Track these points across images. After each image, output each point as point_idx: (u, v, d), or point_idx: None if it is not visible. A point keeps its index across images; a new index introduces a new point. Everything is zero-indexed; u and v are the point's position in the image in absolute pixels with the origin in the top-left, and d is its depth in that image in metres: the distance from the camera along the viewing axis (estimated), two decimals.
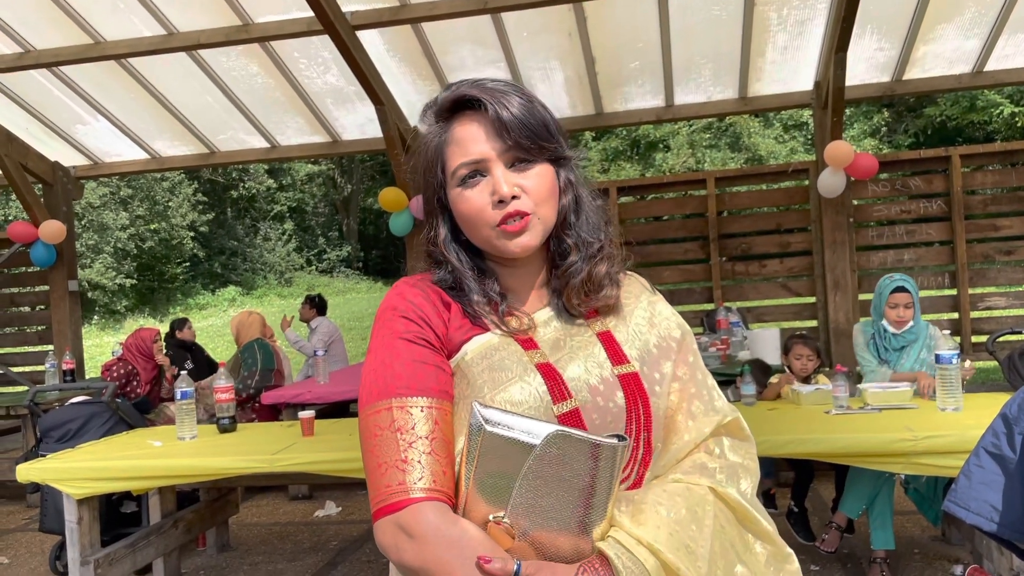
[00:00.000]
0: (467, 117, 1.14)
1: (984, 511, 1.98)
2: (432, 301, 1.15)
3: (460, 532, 0.98)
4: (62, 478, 3.44)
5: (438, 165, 1.16)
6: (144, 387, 5.61)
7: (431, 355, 1.10)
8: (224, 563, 4.45)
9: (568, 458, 0.95)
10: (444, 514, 1.00)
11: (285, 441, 3.60)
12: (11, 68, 6.15)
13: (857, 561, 3.86)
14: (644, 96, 6.73)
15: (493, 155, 1.11)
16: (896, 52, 6.11)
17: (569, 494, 0.97)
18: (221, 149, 7.50)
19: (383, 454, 1.03)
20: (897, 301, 3.94)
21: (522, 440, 0.96)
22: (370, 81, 5.90)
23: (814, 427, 3.26)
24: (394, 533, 1.00)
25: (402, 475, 1.01)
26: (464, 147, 1.12)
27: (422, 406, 1.05)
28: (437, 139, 1.16)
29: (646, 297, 1.26)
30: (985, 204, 6.73)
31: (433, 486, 1.01)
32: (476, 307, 1.15)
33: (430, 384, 1.07)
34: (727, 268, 6.96)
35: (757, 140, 19.67)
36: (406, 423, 1.03)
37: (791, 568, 1.16)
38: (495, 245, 1.13)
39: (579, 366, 1.12)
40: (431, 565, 0.97)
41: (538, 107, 1.15)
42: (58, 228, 7.14)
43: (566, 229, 1.18)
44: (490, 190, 1.10)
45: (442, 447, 1.04)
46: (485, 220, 1.11)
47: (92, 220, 20.29)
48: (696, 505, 1.07)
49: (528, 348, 1.12)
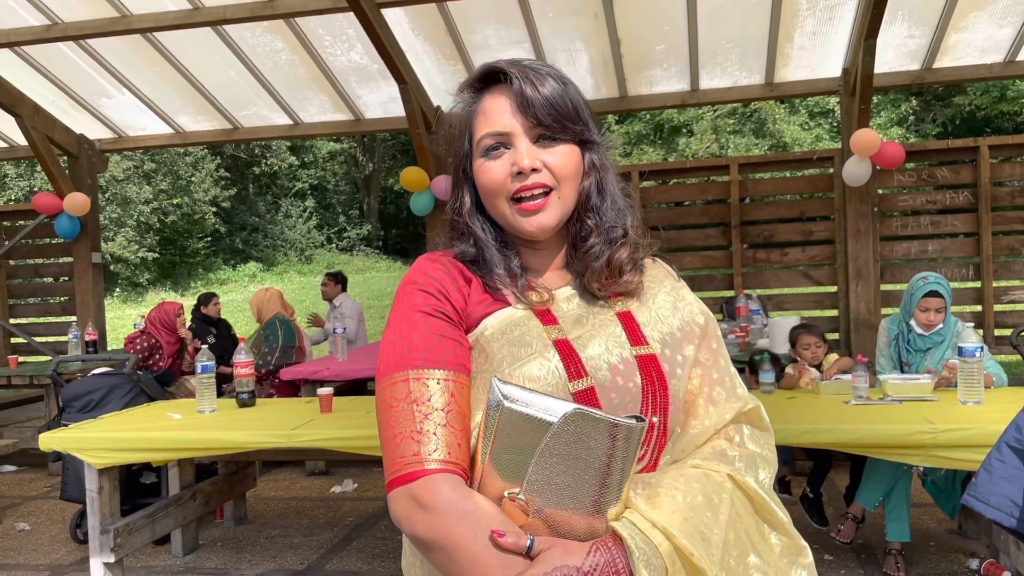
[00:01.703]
0: (497, 91, 1.15)
1: (1004, 506, 1.97)
2: (452, 275, 1.15)
3: (474, 506, 0.98)
4: (83, 447, 3.49)
5: (466, 135, 1.17)
6: (166, 360, 5.67)
7: (449, 328, 1.10)
8: (241, 535, 4.51)
9: (585, 437, 0.95)
10: (458, 487, 0.99)
11: (303, 417, 3.63)
12: (39, 40, 6.18)
13: (872, 552, 3.85)
14: (669, 80, 6.66)
15: (519, 129, 1.12)
16: (927, 40, 6.01)
17: (585, 473, 0.96)
18: (244, 125, 7.52)
19: (398, 425, 1.03)
20: (929, 305, 3.81)
21: (540, 417, 0.96)
22: (394, 59, 5.88)
23: (833, 417, 3.25)
24: (408, 504, 0.99)
25: (417, 446, 1.01)
26: (490, 118, 1.13)
27: (439, 378, 1.05)
28: (467, 109, 1.18)
29: (670, 283, 1.27)
30: (1013, 196, 6.63)
31: (448, 458, 1.01)
32: (497, 280, 1.15)
33: (447, 357, 1.07)
34: (748, 255, 6.91)
35: (782, 127, 19.47)
36: (422, 395, 1.03)
37: (805, 561, 1.15)
38: (511, 223, 1.14)
39: (600, 344, 1.12)
40: (443, 538, 0.96)
41: (572, 90, 1.15)
42: (82, 200, 7.20)
43: (588, 211, 1.18)
44: (511, 162, 1.11)
45: (458, 420, 1.04)
46: (503, 190, 1.12)
47: (116, 193, 20.45)
48: (713, 492, 1.06)
49: (547, 323, 1.12)
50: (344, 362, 5.62)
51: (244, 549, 4.28)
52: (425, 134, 6.51)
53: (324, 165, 26.47)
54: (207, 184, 22.37)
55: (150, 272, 21.46)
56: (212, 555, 4.22)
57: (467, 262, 1.18)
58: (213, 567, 4.05)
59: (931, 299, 3.80)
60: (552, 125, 1.12)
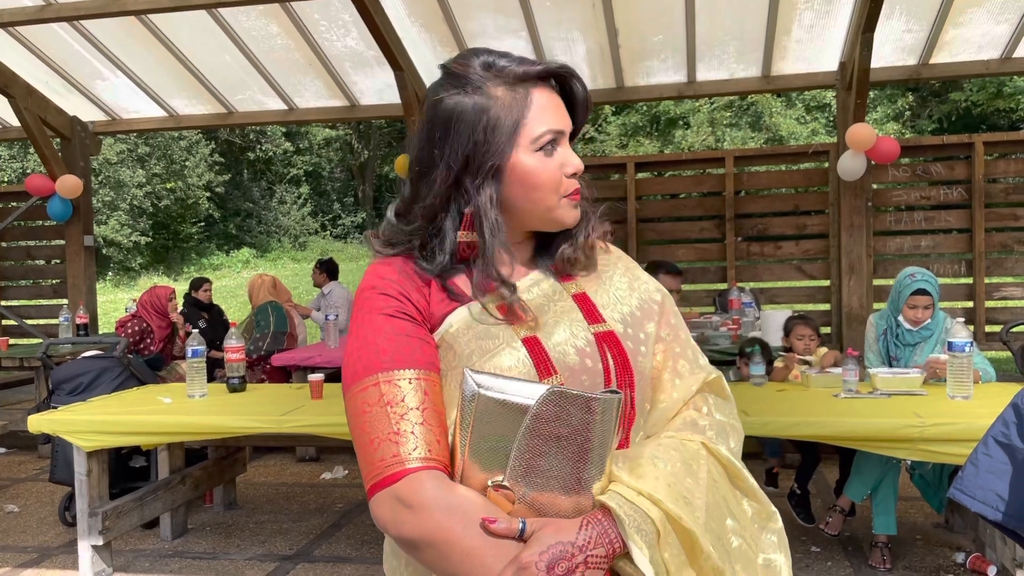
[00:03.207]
0: (545, 87, 1.16)
1: (990, 500, 1.98)
2: (410, 277, 1.14)
3: (460, 498, 0.98)
4: (73, 430, 3.48)
5: (508, 127, 1.11)
6: (157, 344, 5.65)
7: (414, 328, 1.10)
8: (230, 520, 4.51)
9: (564, 415, 0.96)
10: (442, 482, 0.99)
11: (294, 403, 3.63)
12: (32, 21, 6.12)
13: (859, 544, 3.86)
14: (666, 71, 6.65)
15: (567, 130, 1.16)
16: (924, 34, 6.01)
17: (567, 451, 0.97)
18: (239, 109, 7.49)
19: (374, 429, 1.02)
20: (917, 303, 3.81)
21: (517, 402, 0.96)
22: (390, 46, 5.85)
23: (822, 410, 3.26)
24: (392, 506, 0.99)
25: (396, 447, 1.00)
26: (549, 115, 1.14)
27: (409, 378, 1.04)
28: (513, 104, 1.12)
29: (623, 263, 1.29)
30: (1007, 193, 6.65)
31: (429, 455, 1.00)
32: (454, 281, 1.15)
33: (416, 356, 1.06)
34: (742, 248, 6.92)
35: (778, 120, 19.45)
36: (395, 396, 1.03)
37: (775, 527, 1.17)
38: (556, 214, 1.16)
39: (565, 330, 1.13)
40: (433, 534, 0.96)
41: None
42: (75, 183, 7.16)
43: None
44: (559, 162, 1.14)
45: (434, 417, 1.03)
46: (558, 188, 1.14)
47: (109, 177, 20.32)
48: (691, 459, 1.09)
49: (513, 322, 1.12)
50: (335, 349, 5.62)
51: (233, 534, 4.29)
52: None
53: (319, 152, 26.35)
54: (201, 169, 22.26)
55: (143, 256, 21.37)
56: (201, 539, 4.22)
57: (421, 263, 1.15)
58: (201, 551, 4.05)
59: (919, 297, 3.81)
60: (579, 129, 1.20)
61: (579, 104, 1.18)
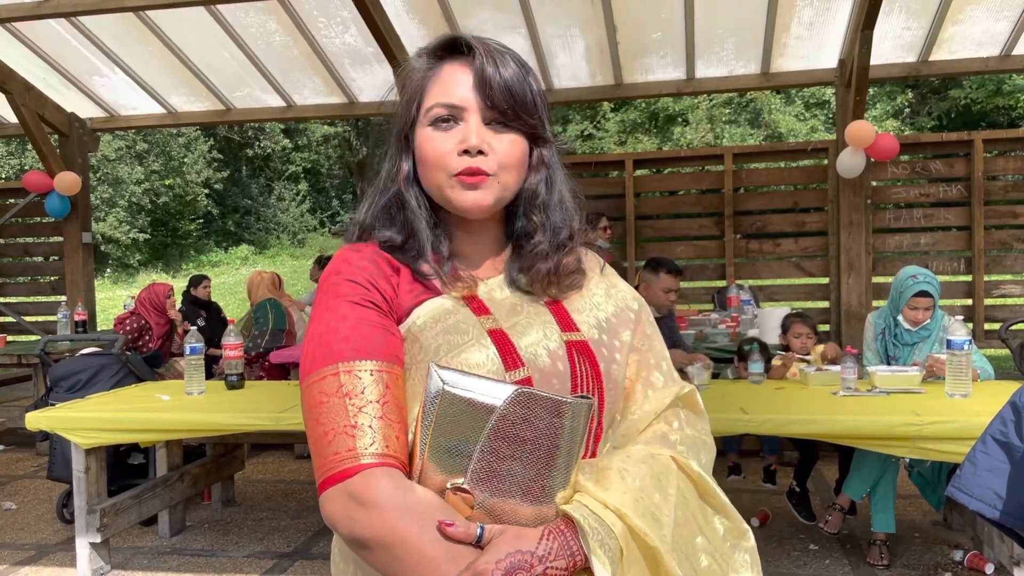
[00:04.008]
0: (458, 62, 1.10)
1: (987, 498, 1.98)
2: (378, 264, 1.09)
3: (417, 499, 0.93)
4: (71, 427, 3.48)
5: (416, 100, 1.11)
6: (156, 341, 5.65)
7: (379, 318, 1.04)
8: (228, 518, 4.51)
9: (532, 418, 0.92)
10: (399, 481, 0.94)
11: (291, 400, 3.62)
12: (30, 16, 6.10)
13: (857, 542, 3.86)
14: (665, 68, 6.64)
15: (473, 105, 1.07)
16: (923, 32, 6.00)
17: (532, 457, 0.93)
18: (237, 106, 7.47)
19: (330, 421, 0.97)
20: (918, 304, 3.80)
21: (483, 402, 0.92)
22: (388, 42, 5.84)
23: (821, 408, 3.26)
24: (345, 503, 0.93)
25: (352, 440, 0.95)
26: (446, 88, 1.08)
27: (371, 369, 0.99)
28: (421, 74, 1.12)
29: (598, 270, 1.24)
30: (1006, 190, 6.65)
31: (386, 451, 0.95)
32: (423, 265, 1.11)
33: (379, 347, 1.01)
34: (741, 245, 6.92)
35: (777, 117, 19.43)
36: (354, 387, 0.97)
37: (747, 544, 1.13)
38: (447, 195, 1.08)
39: (538, 331, 1.10)
40: (385, 534, 0.91)
41: (531, 80, 1.11)
42: (73, 180, 7.15)
43: (534, 208, 1.14)
44: (459, 138, 1.06)
45: (395, 412, 0.98)
46: (445, 166, 1.07)
47: (107, 173, 20.29)
48: (660, 473, 1.05)
49: (480, 313, 1.09)
50: None
51: (231, 531, 4.28)
52: None
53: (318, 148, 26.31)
54: (200, 166, 22.22)
55: (141, 253, 21.34)
56: (199, 536, 4.22)
57: (392, 249, 1.12)
58: (200, 548, 4.04)
59: (920, 299, 3.80)
60: (507, 111, 1.08)
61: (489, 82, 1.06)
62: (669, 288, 4.40)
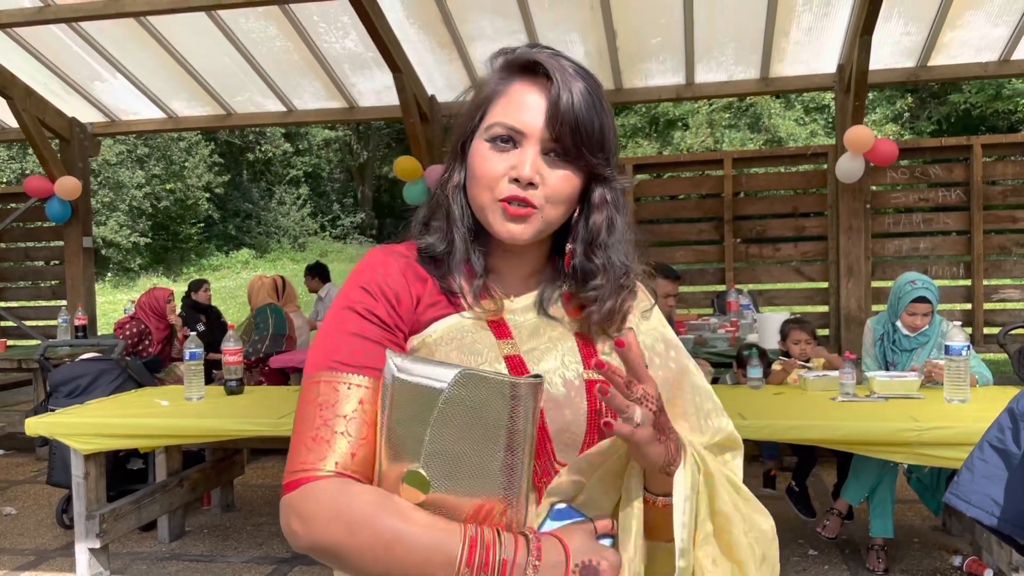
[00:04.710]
0: (532, 82, 1.05)
1: (985, 504, 1.98)
2: (403, 272, 1.08)
3: (348, 498, 0.93)
4: (70, 433, 3.48)
5: (480, 109, 1.08)
6: (156, 346, 5.65)
7: (377, 331, 1.03)
8: (228, 523, 4.51)
9: (481, 400, 0.92)
10: (339, 487, 0.94)
11: (291, 405, 3.61)
12: (31, 22, 6.12)
13: (856, 547, 3.87)
14: (664, 73, 6.65)
15: (535, 134, 1.03)
16: (922, 37, 6.01)
17: (484, 437, 0.93)
18: (238, 111, 7.49)
19: (301, 429, 0.98)
20: (916, 310, 3.82)
21: (429, 385, 0.92)
22: (388, 48, 5.85)
23: (819, 413, 3.26)
24: (286, 515, 0.95)
25: (308, 454, 0.96)
26: (512, 108, 1.04)
27: (351, 383, 0.99)
28: (492, 86, 1.08)
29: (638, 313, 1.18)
30: (1005, 195, 6.65)
31: (336, 467, 0.95)
32: (453, 279, 1.08)
33: (366, 362, 1.00)
34: (740, 250, 6.92)
35: (777, 121, 19.47)
36: (329, 399, 0.98)
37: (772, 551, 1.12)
38: (488, 218, 1.05)
39: (555, 359, 1.07)
40: (320, 540, 0.92)
41: (604, 115, 1.05)
42: (74, 184, 7.16)
43: (596, 248, 1.10)
44: (513, 163, 1.03)
45: (360, 428, 0.97)
46: (493, 187, 1.03)
47: (108, 178, 20.31)
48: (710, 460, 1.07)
49: (500, 336, 1.07)
50: None
51: (231, 536, 4.29)
52: (419, 123, 6.50)
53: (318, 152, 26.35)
54: (200, 170, 22.26)
55: (142, 257, 21.36)
56: (198, 542, 4.22)
57: (426, 259, 1.10)
58: (199, 553, 4.05)
59: (919, 304, 3.81)
60: (569, 147, 1.03)
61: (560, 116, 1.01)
62: (667, 293, 4.42)
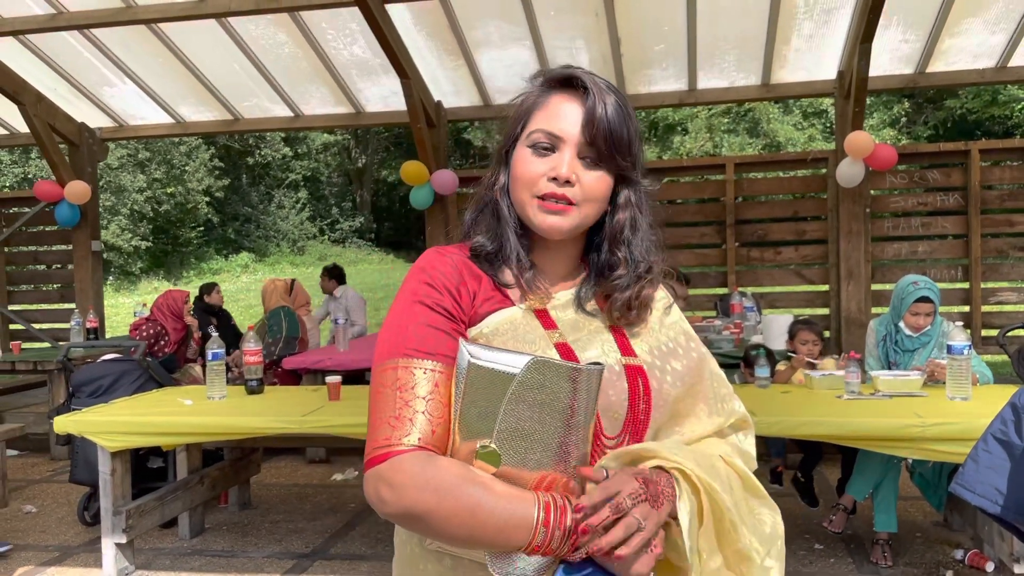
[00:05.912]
0: (568, 94, 1.19)
1: (989, 494, 2.07)
2: (459, 270, 1.19)
3: (435, 470, 1.03)
4: (97, 431, 3.57)
5: (522, 120, 1.22)
6: (171, 346, 5.75)
7: (444, 322, 1.14)
8: (246, 520, 4.60)
9: (548, 383, 1.03)
10: (422, 459, 1.04)
11: (313, 404, 3.72)
12: (43, 29, 6.22)
13: (860, 542, 3.97)
14: (667, 79, 6.77)
15: (572, 139, 1.16)
16: (921, 44, 6.13)
17: (551, 417, 1.04)
18: (245, 116, 7.58)
19: (381, 410, 1.09)
20: (919, 310, 3.93)
21: (504, 370, 1.04)
22: (396, 54, 5.96)
23: (826, 411, 3.36)
24: (375, 485, 1.05)
25: (391, 431, 1.06)
26: (552, 117, 1.18)
27: (426, 368, 1.09)
28: (533, 98, 1.22)
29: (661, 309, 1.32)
30: (1002, 199, 6.77)
31: (419, 443, 1.05)
32: (506, 273, 1.21)
33: (438, 349, 1.11)
34: (742, 254, 7.02)
35: (776, 126, 19.58)
36: (407, 382, 1.09)
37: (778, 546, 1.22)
38: (528, 214, 1.18)
39: (597, 348, 1.19)
40: (411, 507, 1.02)
41: (631, 124, 1.19)
42: (83, 188, 7.25)
43: (619, 244, 1.24)
44: (552, 165, 1.16)
45: (437, 408, 1.08)
46: (533, 186, 1.16)
47: (110, 181, 20.36)
48: (713, 461, 1.17)
49: (548, 327, 1.18)
50: (345, 352, 5.71)
51: (250, 533, 4.38)
52: (426, 128, 6.60)
53: (317, 156, 26.42)
54: (201, 173, 22.31)
55: (143, 261, 21.40)
56: (218, 538, 4.31)
57: (479, 257, 1.22)
58: (220, 549, 4.14)
59: (922, 304, 3.92)
60: (602, 151, 1.17)
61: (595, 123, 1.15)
62: (676, 296, 4.52)
